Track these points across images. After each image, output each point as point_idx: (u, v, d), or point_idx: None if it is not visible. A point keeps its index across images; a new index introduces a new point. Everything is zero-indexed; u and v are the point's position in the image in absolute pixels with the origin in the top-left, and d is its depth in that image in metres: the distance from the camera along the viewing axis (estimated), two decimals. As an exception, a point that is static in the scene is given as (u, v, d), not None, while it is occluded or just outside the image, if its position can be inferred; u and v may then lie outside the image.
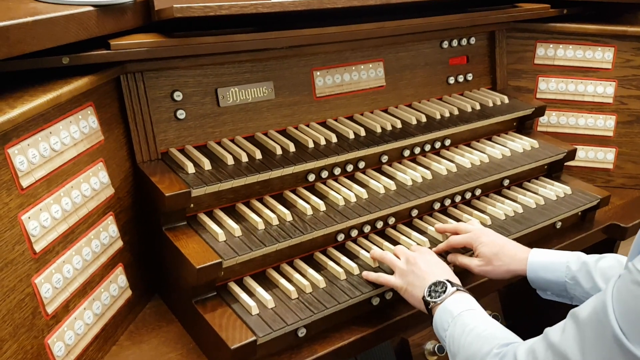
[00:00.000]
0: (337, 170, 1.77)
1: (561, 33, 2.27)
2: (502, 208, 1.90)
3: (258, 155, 1.65)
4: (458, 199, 1.91)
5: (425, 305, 1.38)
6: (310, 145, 1.74)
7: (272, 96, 1.80)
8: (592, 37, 2.26)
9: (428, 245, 1.69)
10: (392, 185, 1.76)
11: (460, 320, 1.27)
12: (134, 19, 1.50)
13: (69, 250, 1.34)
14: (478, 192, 1.96)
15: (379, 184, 1.75)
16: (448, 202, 1.89)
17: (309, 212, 1.61)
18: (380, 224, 1.74)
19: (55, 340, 1.28)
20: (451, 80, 2.20)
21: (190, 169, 1.55)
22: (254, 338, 1.34)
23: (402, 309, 1.58)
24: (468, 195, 1.94)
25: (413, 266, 1.46)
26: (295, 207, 1.64)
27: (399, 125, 1.91)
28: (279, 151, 1.68)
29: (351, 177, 1.80)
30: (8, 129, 1.17)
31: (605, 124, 2.29)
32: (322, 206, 1.63)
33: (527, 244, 1.63)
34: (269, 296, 1.45)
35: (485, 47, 2.29)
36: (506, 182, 2.03)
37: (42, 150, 1.28)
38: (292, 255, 1.61)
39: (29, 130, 1.25)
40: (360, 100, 1.98)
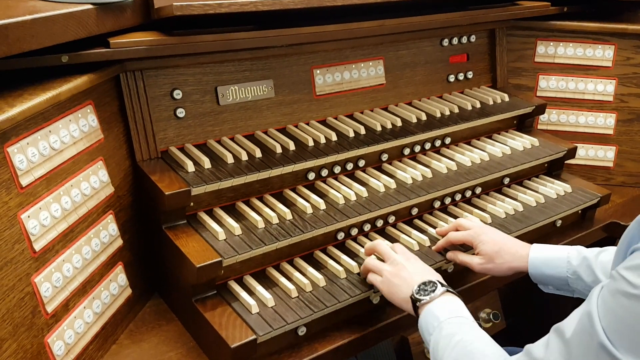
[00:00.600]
0: (337, 169, 1.76)
1: (561, 31, 2.27)
2: (503, 206, 1.89)
3: (258, 153, 1.64)
4: (458, 197, 1.91)
5: (413, 303, 1.34)
6: (310, 143, 1.73)
7: (272, 94, 1.79)
8: (593, 35, 2.25)
9: (428, 243, 1.68)
10: (392, 184, 1.76)
11: (446, 329, 1.23)
12: (134, 17, 1.50)
13: (68, 249, 1.34)
14: (478, 191, 1.96)
15: (379, 183, 1.74)
16: (448, 201, 1.88)
17: (309, 211, 1.60)
18: (380, 223, 1.74)
19: (55, 339, 1.28)
20: (451, 78, 2.20)
21: (190, 167, 1.54)
22: (254, 337, 1.34)
23: (402, 307, 1.58)
24: (468, 193, 1.94)
25: (400, 269, 1.42)
26: (295, 206, 1.63)
27: (399, 123, 1.91)
28: (278, 150, 1.68)
29: (351, 176, 1.80)
30: (7, 127, 1.16)
31: (605, 122, 2.29)
32: (322, 205, 1.63)
33: (528, 242, 1.63)
34: (269, 295, 1.45)
35: (486, 45, 2.28)
36: (506, 181, 2.03)
37: (42, 149, 1.28)
38: (292, 253, 1.60)
39: (28, 129, 1.25)
40: (360, 99, 1.98)
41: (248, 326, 1.36)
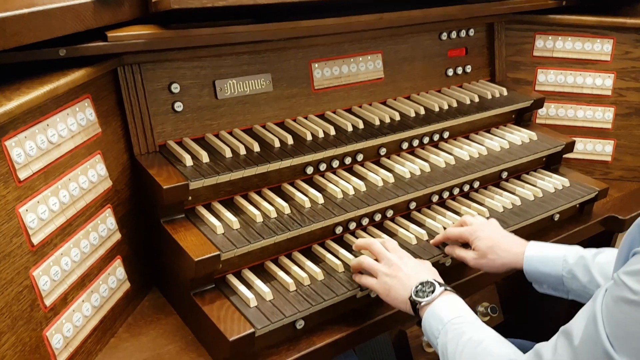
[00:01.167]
0: (336, 163, 1.76)
1: (560, 25, 2.27)
2: (501, 200, 1.90)
3: (256, 147, 1.64)
4: (456, 191, 1.91)
5: (413, 305, 1.33)
6: (309, 137, 1.73)
7: (270, 88, 1.79)
8: (591, 29, 2.25)
9: (426, 237, 1.69)
10: (391, 178, 1.76)
11: (452, 330, 1.23)
12: (131, 11, 1.50)
13: (66, 242, 1.34)
14: (476, 185, 1.96)
15: (377, 177, 1.75)
16: (446, 195, 1.89)
17: (307, 205, 1.61)
18: (378, 217, 1.74)
19: (53, 332, 1.28)
20: (450, 72, 2.19)
21: (188, 161, 1.54)
22: (252, 330, 1.34)
23: (400, 301, 1.58)
24: (466, 187, 1.94)
25: (395, 269, 1.40)
26: (294, 200, 1.63)
27: (398, 117, 1.91)
28: (277, 144, 1.68)
29: (349, 170, 1.80)
30: (5, 121, 1.16)
31: (603, 116, 2.29)
32: (321, 199, 1.63)
33: (525, 236, 1.63)
34: (267, 288, 1.46)
35: (484, 39, 2.28)
36: (504, 175, 2.03)
37: (39, 142, 1.27)
38: (290, 247, 1.61)
39: (26, 123, 1.25)
40: (358, 93, 1.98)
41: (246, 319, 1.37)
